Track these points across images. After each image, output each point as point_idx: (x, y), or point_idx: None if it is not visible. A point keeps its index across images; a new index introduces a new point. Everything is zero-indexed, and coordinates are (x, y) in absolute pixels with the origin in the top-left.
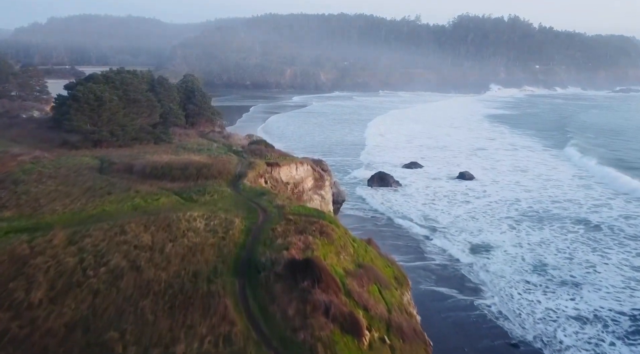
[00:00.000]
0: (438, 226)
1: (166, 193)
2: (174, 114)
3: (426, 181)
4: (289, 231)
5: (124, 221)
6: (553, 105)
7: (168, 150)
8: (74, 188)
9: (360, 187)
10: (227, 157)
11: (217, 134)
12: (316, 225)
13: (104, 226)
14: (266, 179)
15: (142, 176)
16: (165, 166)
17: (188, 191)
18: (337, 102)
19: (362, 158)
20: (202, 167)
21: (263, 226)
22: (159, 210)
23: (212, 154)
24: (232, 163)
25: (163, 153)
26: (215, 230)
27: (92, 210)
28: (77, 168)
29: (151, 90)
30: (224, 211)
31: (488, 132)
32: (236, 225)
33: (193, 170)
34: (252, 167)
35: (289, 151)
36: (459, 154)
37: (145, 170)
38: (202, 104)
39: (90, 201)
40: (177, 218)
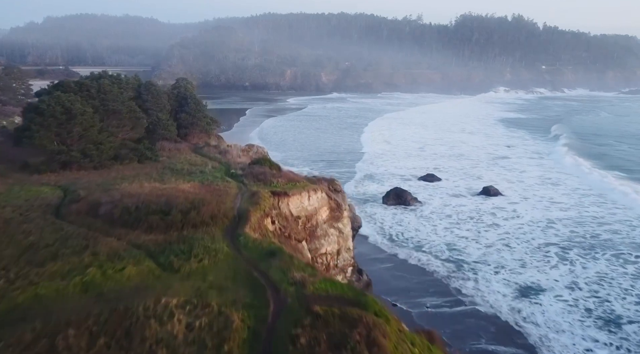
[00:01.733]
0: (469, 260)
1: (137, 255)
2: (162, 126)
3: (446, 198)
4: (318, 344)
5: (59, 325)
6: (568, 107)
7: (152, 173)
8: (7, 247)
9: (372, 205)
10: (224, 184)
11: (213, 149)
12: (359, 327)
13: (24, 338)
14: (273, 218)
15: (109, 222)
16: (142, 206)
17: (168, 252)
18: (337, 104)
19: (367, 169)
20: (190, 208)
21: (277, 329)
22: (121, 291)
23: (206, 179)
24: (230, 195)
25: (145, 179)
26: (202, 340)
27: (19, 295)
28: (28, 206)
29: (137, 97)
30: (217, 293)
31: (507, 138)
32: (235, 328)
33: (178, 214)
34: (255, 202)
35: (287, 163)
36: (478, 164)
37: (114, 214)
38: (196, 113)
39: (22, 273)
40: (143, 314)
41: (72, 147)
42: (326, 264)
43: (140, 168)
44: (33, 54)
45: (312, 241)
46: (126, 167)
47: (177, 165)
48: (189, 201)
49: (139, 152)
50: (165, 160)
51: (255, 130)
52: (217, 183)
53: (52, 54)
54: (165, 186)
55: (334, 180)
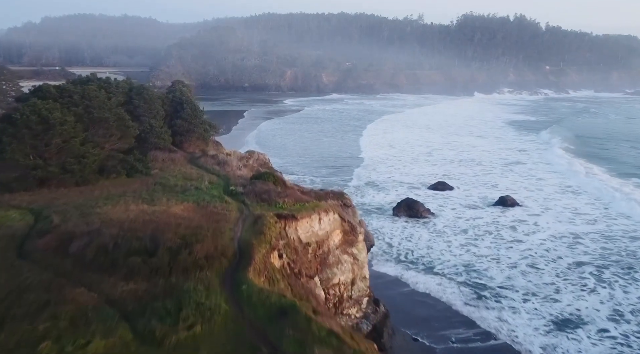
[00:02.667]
0: (491, 285)
1: (109, 317)
2: (155, 134)
3: (459, 209)
4: None
5: None
6: (575, 109)
7: (142, 191)
8: None
9: (378, 217)
10: (223, 205)
11: (211, 159)
12: None
13: None
14: (280, 250)
15: (81, 264)
16: (123, 242)
17: (149, 313)
18: (338, 106)
19: (368, 176)
20: (180, 246)
21: None
22: None
23: (202, 199)
24: (230, 221)
25: (132, 199)
26: None
27: None
28: None
29: (127, 102)
30: None
31: (519, 142)
32: None
33: (165, 255)
34: (259, 230)
35: (287, 171)
36: (491, 170)
37: (87, 254)
38: (192, 119)
39: None
40: None
41: (51, 161)
42: (339, 296)
43: (129, 184)
44: (29, 54)
45: (324, 271)
46: (113, 182)
47: (170, 180)
48: (179, 236)
49: (128, 164)
50: (157, 173)
51: (254, 134)
52: (214, 204)
53: (50, 55)
54: (155, 208)
55: (343, 194)
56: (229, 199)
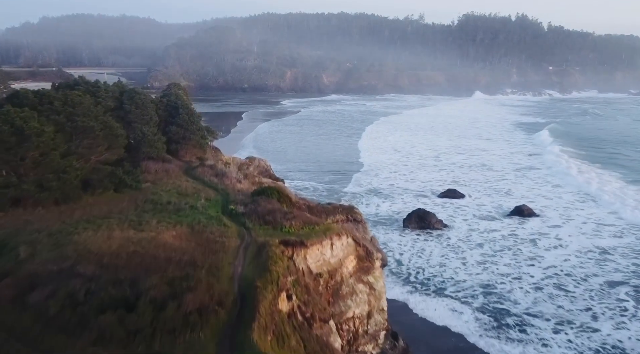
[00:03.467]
0: (515, 311)
1: None
2: (148, 142)
3: (472, 220)
4: None
5: None
6: (582, 110)
7: (130, 211)
8: None
9: (386, 229)
10: (220, 230)
11: (208, 170)
12: None
13: None
14: (289, 289)
15: (41, 322)
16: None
17: None
18: (340, 107)
19: (372, 183)
20: (167, 296)
21: None
22: None
23: (197, 221)
24: (229, 252)
25: (117, 222)
26: None
27: None
28: None
29: (118, 108)
30: None
31: (531, 146)
32: None
33: (147, 309)
34: (263, 266)
35: (288, 177)
36: (504, 176)
37: (51, 308)
38: (188, 125)
39: None
40: None
41: (26, 178)
42: (353, 331)
43: (116, 201)
44: (25, 54)
45: (336, 303)
46: (98, 200)
47: (162, 196)
48: (167, 280)
49: (116, 177)
50: (148, 188)
51: (251, 137)
52: (211, 228)
53: (48, 55)
54: (143, 235)
55: (353, 208)
56: (227, 221)
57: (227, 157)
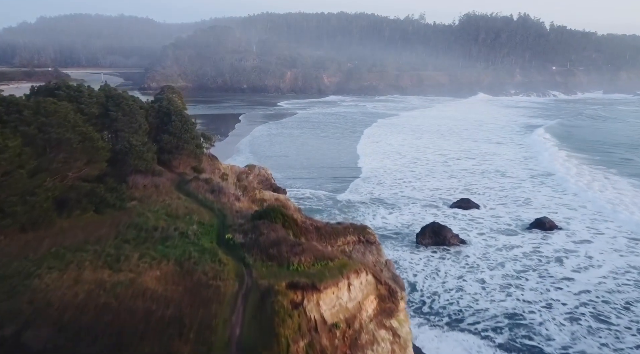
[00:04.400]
0: (550, 351)
1: None
2: (136, 154)
3: (490, 234)
4: None
5: None
6: (590, 112)
7: (108, 240)
8: None
9: (395, 245)
10: (214, 269)
11: (203, 184)
12: None
13: None
14: None
15: None
16: None
17: None
18: (341, 109)
19: (373, 192)
20: None
21: None
22: None
23: (188, 255)
24: (224, 302)
25: (91, 257)
26: None
27: None
28: None
29: (103, 115)
30: None
31: (546, 152)
32: None
33: None
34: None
35: (286, 185)
36: (520, 183)
37: None
38: (182, 133)
39: None
40: None
41: None
42: None
43: (94, 226)
44: (20, 55)
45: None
46: (74, 224)
47: (148, 219)
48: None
49: (96, 196)
50: (134, 207)
51: (247, 141)
52: (204, 265)
53: (45, 55)
54: (119, 277)
55: (365, 228)
56: (223, 256)
57: (225, 165)
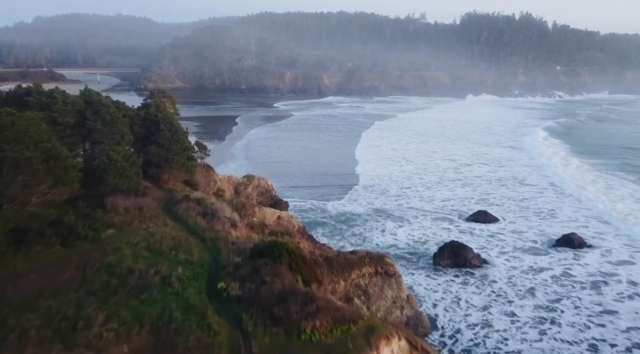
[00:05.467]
0: None
1: None
2: (117, 170)
3: (514, 252)
4: None
5: None
6: (601, 113)
7: (70, 289)
8: None
9: (408, 266)
10: (203, 341)
11: (194, 206)
12: None
13: None
14: None
15: None
16: None
17: None
18: (342, 110)
19: (374, 203)
20: None
21: None
22: None
23: (168, 319)
24: None
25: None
26: None
27: None
28: None
29: (80, 125)
30: None
31: (561, 157)
32: None
33: None
34: None
35: (284, 196)
36: (542, 192)
37: None
38: (171, 144)
39: None
40: None
41: None
42: None
43: (56, 269)
44: (15, 55)
45: None
46: (33, 265)
47: (124, 258)
48: None
49: (64, 226)
50: (111, 238)
51: (242, 145)
52: (187, 335)
53: (41, 55)
54: None
55: (383, 258)
56: (214, 318)
57: (222, 176)
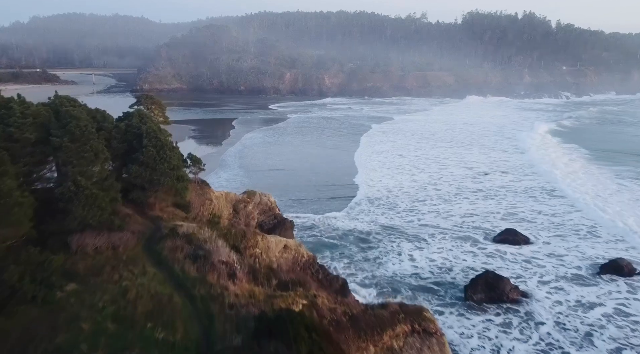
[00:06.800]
0: None
1: None
2: (85, 200)
3: (557, 283)
4: None
5: None
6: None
7: None
8: None
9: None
10: None
11: (183, 244)
12: None
13: None
14: None
15: None
16: None
17: None
18: (344, 112)
19: (377, 219)
20: None
21: None
22: None
23: None
24: None
25: None
26: None
27: None
28: None
29: (42, 142)
30: None
31: (580, 163)
32: None
33: None
34: None
35: (284, 210)
36: (573, 203)
37: None
38: (157, 162)
39: None
40: None
41: None
42: None
43: None
44: (10, 55)
45: None
46: None
47: (80, 338)
48: None
49: (3, 286)
50: (68, 299)
51: (237, 151)
52: None
53: (37, 55)
54: None
55: (421, 312)
56: None
57: (219, 194)
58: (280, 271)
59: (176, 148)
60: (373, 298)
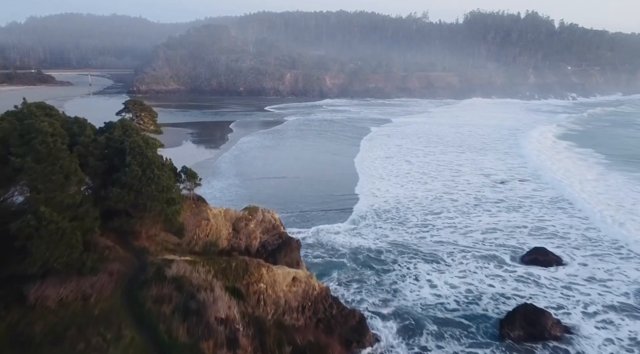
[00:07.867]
0: None
1: None
2: (48, 237)
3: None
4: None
5: None
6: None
7: None
8: None
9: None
10: None
11: (171, 292)
12: None
13: None
14: None
15: None
16: None
17: None
18: (346, 114)
19: (388, 235)
20: None
21: None
22: None
23: None
24: None
25: None
26: None
27: None
28: None
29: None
30: None
31: (596, 168)
32: None
33: None
34: None
35: (286, 225)
36: (605, 218)
37: None
38: (142, 184)
39: None
40: None
41: None
42: None
43: None
44: (5, 56)
45: None
46: None
47: None
48: None
49: None
50: None
51: (233, 157)
52: None
53: (34, 56)
54: None
55: None
56: None
57: (216, 211)
58: (290, 311)
59: (167, 165)
60: (394, 335)
